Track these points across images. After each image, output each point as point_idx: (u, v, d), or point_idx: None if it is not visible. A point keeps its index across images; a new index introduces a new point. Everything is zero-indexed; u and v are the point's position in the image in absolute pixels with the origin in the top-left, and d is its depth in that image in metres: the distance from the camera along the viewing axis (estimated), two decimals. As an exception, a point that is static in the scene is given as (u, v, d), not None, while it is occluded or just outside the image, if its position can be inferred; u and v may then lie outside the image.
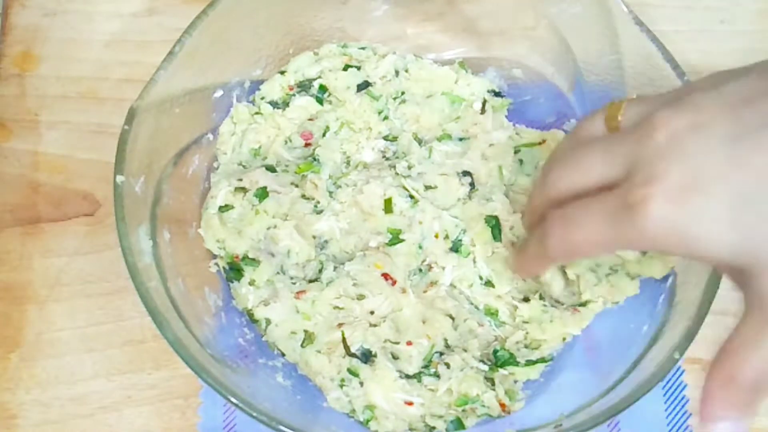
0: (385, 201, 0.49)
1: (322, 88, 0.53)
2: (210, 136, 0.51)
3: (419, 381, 0.46)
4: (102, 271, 0.52)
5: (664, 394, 0.48)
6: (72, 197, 0.54)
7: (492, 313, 0.48)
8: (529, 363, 0.46)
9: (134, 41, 0.58)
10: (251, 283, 0.48)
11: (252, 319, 0.48)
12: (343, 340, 0.46)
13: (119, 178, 0.43)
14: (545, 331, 0.46)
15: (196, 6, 0.47)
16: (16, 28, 0.59)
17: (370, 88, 0.53)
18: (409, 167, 0.51)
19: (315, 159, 0.51)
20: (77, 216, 0.54)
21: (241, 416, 0.46)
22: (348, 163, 0.52)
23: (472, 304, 0.48)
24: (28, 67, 0.58)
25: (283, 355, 0.47)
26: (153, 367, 0.50)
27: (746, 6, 0.59)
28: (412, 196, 0.49)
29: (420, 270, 0.49)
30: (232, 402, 0.40)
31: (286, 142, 0.52)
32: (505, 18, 0.53)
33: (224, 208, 0.49)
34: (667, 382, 0.48)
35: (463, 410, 0.45)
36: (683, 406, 0.48)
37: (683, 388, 0.49)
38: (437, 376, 0.46)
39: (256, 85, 0.53)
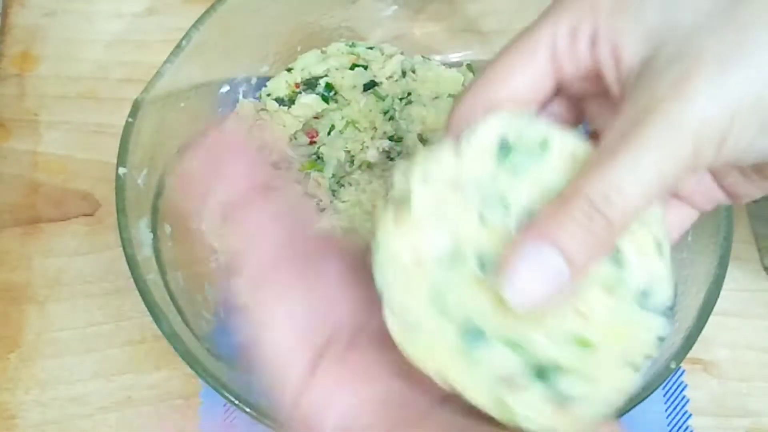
0: (388, 201, 0.49)
1: (329, 87, 0.53)
2: (215, 131, 0.51)
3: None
4: (102, 272, 0.52)
5: (664, 395, 0.48)
6: (71, 197, 0.54)
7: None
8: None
9: (134, 41, 0.58)
10: (251, 279, 0.48)
11: (251, 316, 0.48)
12: (342, 338, 0.46)
13: (121, 170, 0.43)
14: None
15: (197, 6, 0.47)
16: (15, 28, 0.59)
17: (376, 87, 0.53)
18: (414, 168, 0.50)
19: (319, 157, 0.51)
20: (77, 216, 0.53)
21: (242, 417, 0.46)
22: (352, 162, 0.51)
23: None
24: (28, 67, 0.57)
25: (280, 352, 0.47)
26: (153, 368, 0.49)
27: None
28: (415, 197, 0.49)
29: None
30: (226, 397, 0.39)
31: (290, 139, 0.52)
32: (513, 19, 0.52)
33: (226, 204, 0.49)
34: (668, 383, 0.48)
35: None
36: (683, 406, 0.47)
37: (683, 389, 0.48)
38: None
39: (263, 81, 0.53)
